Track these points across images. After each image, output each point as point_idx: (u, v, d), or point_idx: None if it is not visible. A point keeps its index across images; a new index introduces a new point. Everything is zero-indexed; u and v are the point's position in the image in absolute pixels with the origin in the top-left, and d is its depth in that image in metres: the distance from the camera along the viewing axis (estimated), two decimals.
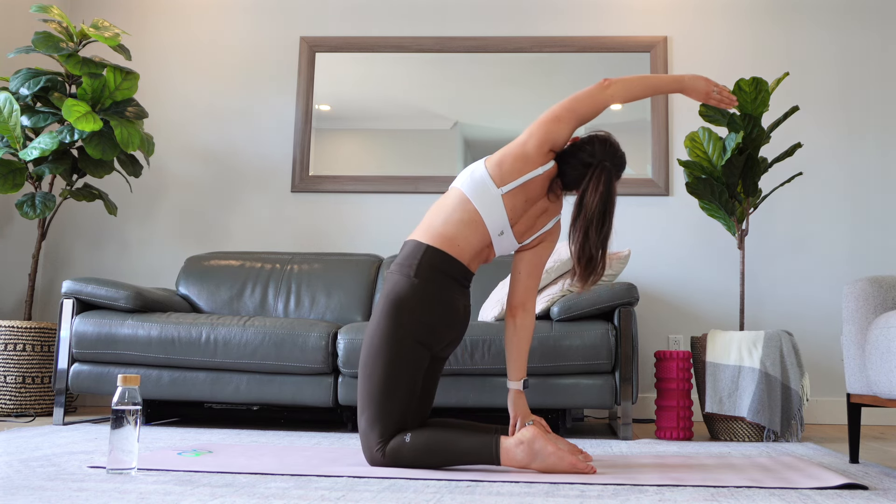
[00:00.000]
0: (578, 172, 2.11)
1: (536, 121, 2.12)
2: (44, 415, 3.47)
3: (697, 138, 3.34)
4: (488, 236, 2.09)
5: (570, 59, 4.12)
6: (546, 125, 2.10)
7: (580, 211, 2.05)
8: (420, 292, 1.99)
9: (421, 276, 2.00)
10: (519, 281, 2.19)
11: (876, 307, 2.21)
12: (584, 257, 2.03)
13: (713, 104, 2.22)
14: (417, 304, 1.99)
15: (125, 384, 1.83)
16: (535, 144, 2.09)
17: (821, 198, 3.97)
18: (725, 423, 3.08)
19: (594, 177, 2.07)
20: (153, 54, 4.31)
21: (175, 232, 4.19)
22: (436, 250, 2.03)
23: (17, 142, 3.48)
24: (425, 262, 2.02)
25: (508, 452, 1.91)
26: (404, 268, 2.03)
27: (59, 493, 1.58)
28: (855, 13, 4.07)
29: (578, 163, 2.11)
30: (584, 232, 2.03)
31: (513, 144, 2.13)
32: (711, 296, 3.92)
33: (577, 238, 2.03)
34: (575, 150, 2.14)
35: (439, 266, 2.02)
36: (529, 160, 2.09)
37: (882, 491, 1.78)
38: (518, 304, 2.18)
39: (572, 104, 2.11)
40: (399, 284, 2.01)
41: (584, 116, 2.12)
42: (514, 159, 2.09)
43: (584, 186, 2.08)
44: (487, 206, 2.07)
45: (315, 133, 4.18)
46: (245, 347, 3.01)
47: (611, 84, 2.11)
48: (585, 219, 2.04)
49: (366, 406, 1.98)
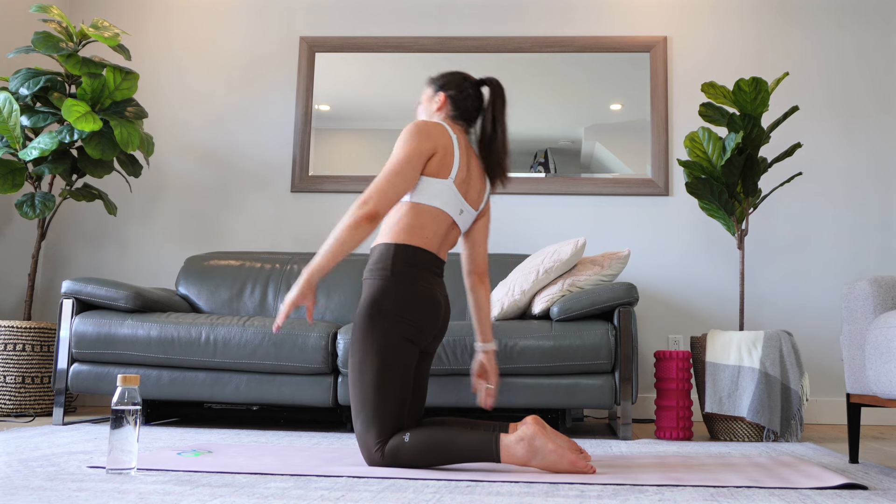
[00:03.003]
0: (474, 107, 2.25)
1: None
2: (43, 415, 3.47)
3: (697, 138, 3.34)
4: (450, 217, 2.13)
5: (570, 59, 4.12)
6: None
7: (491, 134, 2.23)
8: (401, 290, 2.01)
9: (398, 274, 2.02)
10: (478, 250, 2.30)
11: (876, 307, 2.21)
12: (501, 165, 2.23)
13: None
14: (400, 302, 2.00)
15: (125, 384, 1.83)
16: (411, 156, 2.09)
17: (821, 198, 3.97)
18: (725, 423, 3.08)
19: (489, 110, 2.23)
20: (153, 54, 4.31)
21: (175, 232, 4.19)
22: (406, 246, 2.05)
23: (16, 142, 3.48)
24: (399, 259, 2.04)
25: (508, 449, 1.91)
26: (378, 270, 2.04)
27: (59, 493, 1.58)
28: (855, 13, 4.07)
29: (472, 108, 2.24)
30: (500, 146, 2.23)
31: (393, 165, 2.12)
32: (711, 296, 3.92)
33: (497, 154, 2.22)
34: (458, 102, 2.23)
35: (413, 261, 2.04)
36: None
37: (882, 491, 1.78)
38: (483, 271, 2.31)
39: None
40: (378, 287, 2.02)
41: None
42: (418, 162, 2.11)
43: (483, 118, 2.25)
44: (440, 197, 2.10)
45: (315, 133, 4.18)
46: (245, 347, 3.01)
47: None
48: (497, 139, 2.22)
49: (360, 409, 1.98)
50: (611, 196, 4.01)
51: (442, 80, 2.27)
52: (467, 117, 2.25)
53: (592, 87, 4.09)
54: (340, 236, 1.95)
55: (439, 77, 2.29)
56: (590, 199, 4.02)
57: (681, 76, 4.08)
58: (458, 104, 2.24)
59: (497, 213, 4.05)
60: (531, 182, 4.03)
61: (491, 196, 3.91)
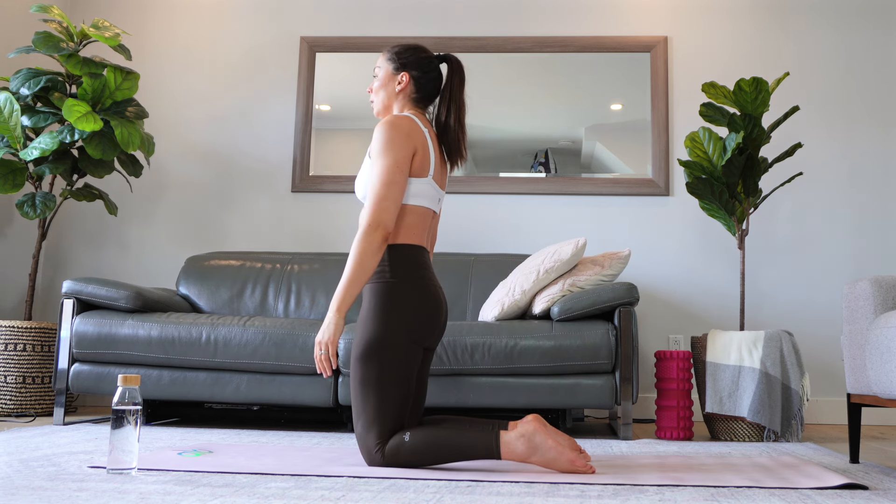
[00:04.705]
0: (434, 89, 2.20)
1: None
2: (44, 415, 3.47)
3: (697, 138, 3.34)
4: (431, 210, 2.13)
5: (570, 59, 4.12)
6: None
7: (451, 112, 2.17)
8: (406, 291, 2.00)
9: (398, 276, 2.02)
10: (435, 226, 2.27)
11: (876, 307, 2.21)
12: (458, 147, 2.18)
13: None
14: (405, 303, 2.00)
15: (125, 384, 1.83)
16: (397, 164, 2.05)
17: (821, 198, 3.97)
18: (725, 423, 3.08)
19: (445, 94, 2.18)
20: (153, 54, 4.32)
21: (175, 232, 4.19)
22: (399, 247, 2.05)
23: (17, 142, 3.49)
24: (395, 262, 2.03)
25: (508, 445, 1.91)
26: (378, 274, 2.03)
27: (59, 493, 1.58)
28: (856, 13, 4.07)
29: (434, 90, 2.19)
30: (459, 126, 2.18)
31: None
32: (711, 296, 3.92)
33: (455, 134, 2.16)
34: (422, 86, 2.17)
35: (408, 261, 2.04)
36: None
37: (882, 491, 1.78)
38: (434, 243, 2.30)
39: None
40: (380, 291, 2.01)
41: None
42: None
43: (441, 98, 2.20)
44: (423, 195, 2.10)
45: (315, 133, 4.18)
46: (245, 347, 3.01)
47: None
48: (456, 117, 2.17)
49: (361, 411, 1.97)
50: (611, 196, 4.01)
51: (404, 58, 2.16)
52: (429, 100, 2.19)
53: (592, 87, 4.09)
54: (365, 264, 1.94)
55: (400, 52, 2.17)
56: (590, 199, 4.02)
57: (681, 76, 4.08)
58: (421, 86, 2.16)
59: (497, 212, 4.05)
60: (531, 182, 4.03)
61: (487, 195, 4.00)
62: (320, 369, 1.97)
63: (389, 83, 2.17)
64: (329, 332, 1.94)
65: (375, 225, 1.96)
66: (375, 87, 2.20)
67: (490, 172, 4.05)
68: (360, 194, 2.15)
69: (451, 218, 4.04)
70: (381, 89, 2.19)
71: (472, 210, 4.05)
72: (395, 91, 2.17)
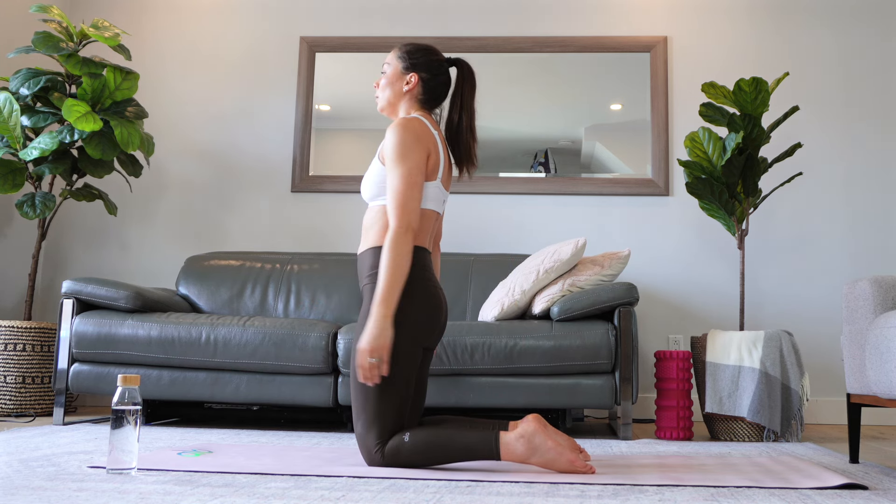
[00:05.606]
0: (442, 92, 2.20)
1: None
2: (44, 415, 3.47)
3: (697, 138, 3.34)
4: (437, 212, 2.14)
5: (570, 59, 4.12)
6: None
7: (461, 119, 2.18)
8: (409, 293, 1.99)
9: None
10: (440, 222, 2.26)
11: (876, 307, 2.21)
12: (469, 154, 2.19)
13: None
14: (409, 305, 1.99)
15: (125, 384, 1.83)
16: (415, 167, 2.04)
17: (821, 198, 3.97)
18: (725, 423, 3.08)
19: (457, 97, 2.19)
20: (153, 54, 4.31)
21: (175, 232, 4.19)
22: None
23: (17, 142, 3.48)
24: None
25: (508, 446, 1.91)
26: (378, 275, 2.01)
27: (59, 493, 1.58)
28: (855, 13, 4.07)
29: (442, 94, 2.19)
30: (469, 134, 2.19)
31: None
32: (711, 296, 3.92)
33: (465, 140, 2.17)
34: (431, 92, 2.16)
35: (412, 261, 2.03)
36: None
37: (882, 491, 1.78)
38: (439, 239, 2.32)
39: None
40: None
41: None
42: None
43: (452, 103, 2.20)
44: (432, 199, 2.10)
45: (315, 133, 4.18)
46: (245, 347, 3.01)
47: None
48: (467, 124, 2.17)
49: (361, 411, 1.97)
50: (611, 196, 4.01)
51: (414, 58, 2.15)
52: (435, 103, 2.18)
53: (592, 87, 4.09)
54: (402, 267, 1.93)
55: (412, 52, 2.16)
56: (590, 199, 4.02)
57: (681, 76, 4.08)
58: (429, 89, 2.15)
59: (497, 212, 4.05)
60: (531, 182, 4.03)
61: (487, 195, 4.11)
62: (364, 378, 1.91)
63: (397, 82, 2.16)
64: (383, 338, 1.90)
65: (406, 228, 1.96)
66: (382, 83, 2.19)
67: (490, 172, 4.05)
68: (366, 196, 2.13)
69: (452, 218, 4.04)
70: (388, 87, 2.17)
71: (472, 210, 4.05)
72: (403, 91, 2.15)
